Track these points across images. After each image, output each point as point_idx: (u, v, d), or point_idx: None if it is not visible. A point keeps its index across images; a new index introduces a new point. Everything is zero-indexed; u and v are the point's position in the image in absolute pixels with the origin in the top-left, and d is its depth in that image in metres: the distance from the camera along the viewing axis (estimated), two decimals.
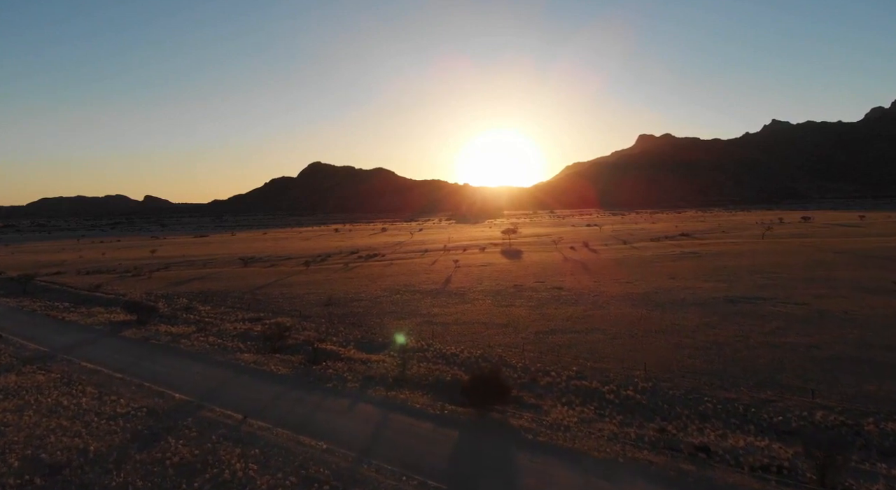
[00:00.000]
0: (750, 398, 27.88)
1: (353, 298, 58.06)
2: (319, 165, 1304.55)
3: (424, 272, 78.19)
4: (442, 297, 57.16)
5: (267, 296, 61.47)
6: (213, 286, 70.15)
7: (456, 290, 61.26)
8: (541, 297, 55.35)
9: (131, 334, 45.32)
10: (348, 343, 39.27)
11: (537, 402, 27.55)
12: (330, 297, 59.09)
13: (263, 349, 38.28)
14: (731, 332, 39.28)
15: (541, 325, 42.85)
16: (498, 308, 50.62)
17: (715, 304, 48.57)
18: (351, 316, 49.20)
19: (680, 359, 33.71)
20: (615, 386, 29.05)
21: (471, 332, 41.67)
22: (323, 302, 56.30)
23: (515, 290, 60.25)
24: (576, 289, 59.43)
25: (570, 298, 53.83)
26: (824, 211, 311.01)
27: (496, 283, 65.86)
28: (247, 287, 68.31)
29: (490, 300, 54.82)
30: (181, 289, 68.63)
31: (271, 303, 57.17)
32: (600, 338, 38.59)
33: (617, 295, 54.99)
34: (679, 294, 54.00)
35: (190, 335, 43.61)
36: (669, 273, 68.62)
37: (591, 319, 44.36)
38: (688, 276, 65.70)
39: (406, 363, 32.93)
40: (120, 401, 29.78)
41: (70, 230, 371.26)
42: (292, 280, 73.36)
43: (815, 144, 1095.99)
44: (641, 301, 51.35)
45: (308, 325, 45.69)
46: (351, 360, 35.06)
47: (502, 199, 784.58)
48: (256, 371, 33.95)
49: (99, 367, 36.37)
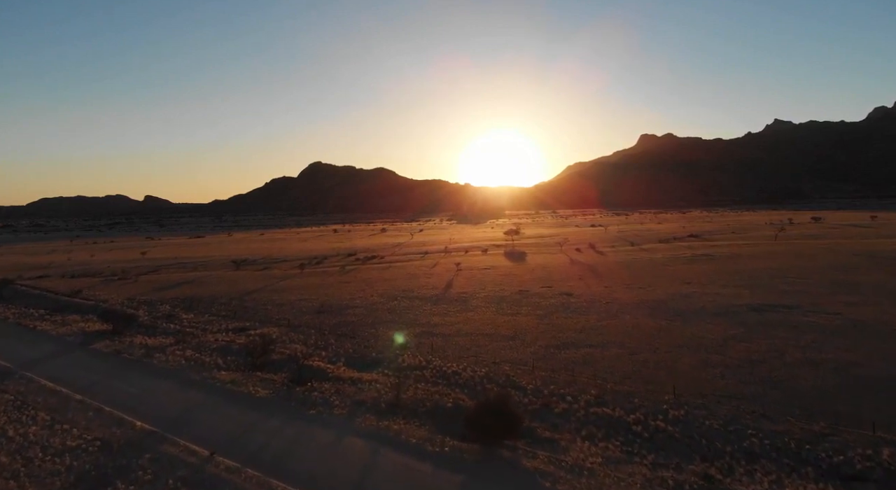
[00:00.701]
0: (801, 431, 24.04)
1: (347, 305, 54.24)
2: (320, 165, 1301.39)
3: (424, 276, 74.37)
4: (442, 304, 53.35)
5: (256, 302, 57.67)
6: (200, 291, 66.37)
7: (457, 296, 57.44)
8: (549, 304, 51.50)
9: (103, 346, 41.53)
10: (338, 358, 35.45)
11: (553, 436, 23.69)
12: (322, 304, 55.29)
13: (244, 366, 34.47)
14: (763, 346, 35.44)
15: (551, 338, 39.03)
16: (503, 317, 46.79)
17: (739, 313, 44.73)
18: (344, 325, 45.39)
19: (711, 379, 29.90)
20: (642, 414, 25.22)
21: (474, 346, 37.86)
22: (315, 309, 52.49)
23: (521, 296, 56.43)
24: (586, 295, 55.58)
25: (580, 306, 49.99)
26: (832, 211, 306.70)
27: (500, 288, 62.03)
28: (236, 292, 64.52)
29: (494, 308, 50.99)
30: (166, 294, 64.85)
31: (259, 310, 53.37)
32: (619, 353, 34.76)
33: (630, 302, 51.15)
34: (698, 301, 50.14)
35: (166, 348, 39.81)
36: (684, 277, 64.76)
37: (606, 331, 40.52)
38: (704, 280, 61.83)
39: (402, 385, 29.09)
40: (73, 430, 25.99)
41: (67, 230, 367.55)
42: (284, 285, 69.55)
43: (818, 144, 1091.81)
44: (658, 309, 47.50)
45: (296, 336, 41.88)
46: (340, 379, 31.22)
47: (503, 199, 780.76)
48: (233, 393, 30.13)
49: (60, 386, 32.58)
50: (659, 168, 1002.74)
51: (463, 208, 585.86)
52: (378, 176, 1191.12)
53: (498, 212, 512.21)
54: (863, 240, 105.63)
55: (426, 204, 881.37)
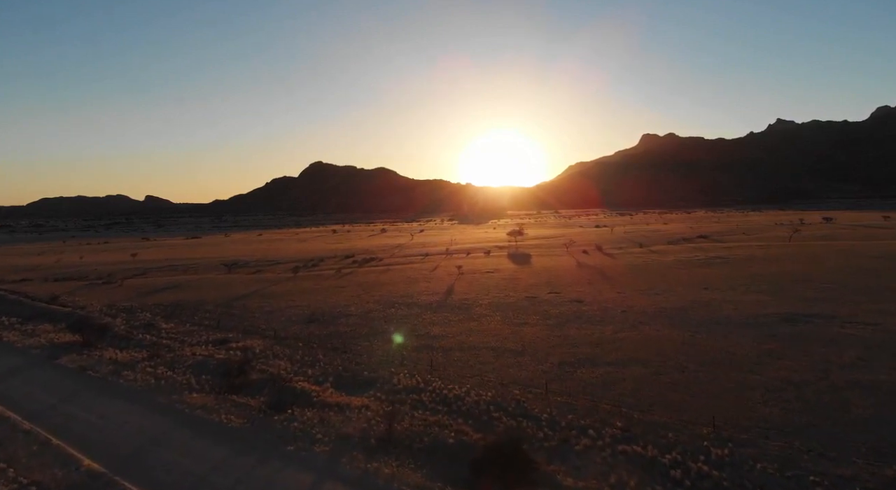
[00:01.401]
0: (871, 476, 20.07)
1: (340, 313, 50.35)
2: (321, 165, 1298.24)
3: (424, 280, 70.46)
4: (443, 312, 49.45)
5: (243, 309, 53.78)
6: (186, 296, 62.52)
7: (459, 303, 53.55)
8: (559, 312, 47.58)
9: (69, 361, 37.68)
10: (325, 378, 31.57)
11: (577, 484, 19.75)
12: (314, 311, 51.38)
13: (219, 387, 30.59)
14: (804, 364, 31.51)
15: (564, 353, 35.13)
16: (509, 327, 42.88)
17: (769, 324, 40.79)
18: (335, 337, 41.51)
19: (752, 406, 25.98)
20: (679, 454, 21.29)
21: (478, 362, 33.98)
22: (305, 318, 48.60)
23: (528, 302, 52.51)
24: (598, 302, 51.64)
25: (593, 315, 46.05)
26: (839, 211, 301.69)
27: (505, 293, 58.14)
28: (223, 298, 60.66)
29: (499, 316, 47.07)
30: (150, 300, 61.00)
31: (246, 319, 49.49)
32: (642, 373, 30.86)
33: (648, 310, 47.21)
34: (721, 309, 46.17)
35: (137, 364, 35.93)
36: (701, 282, 60.81)
37: (625, 345, 36.61)
38: (723, 286, 57.88)
39: (395, 413, 25.24)
40: (9, 471, 22.11)
41: (64, 231, 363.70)
42: (276, 290, 65.66)
43: (820, 144, 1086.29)
44: (679, 319, 43.57)
45: (281, 350, 38.00)
46: (326, 405, 27.31)
47: (505, 199, 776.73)
48: (202, 422, 26.26)
49: (9, 411, 28.70)
50: (661, 168, 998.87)
51: (464, 208, 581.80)
52: (379, 176, 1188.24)
53: (499, 212, 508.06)
54: (879, 241, 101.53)
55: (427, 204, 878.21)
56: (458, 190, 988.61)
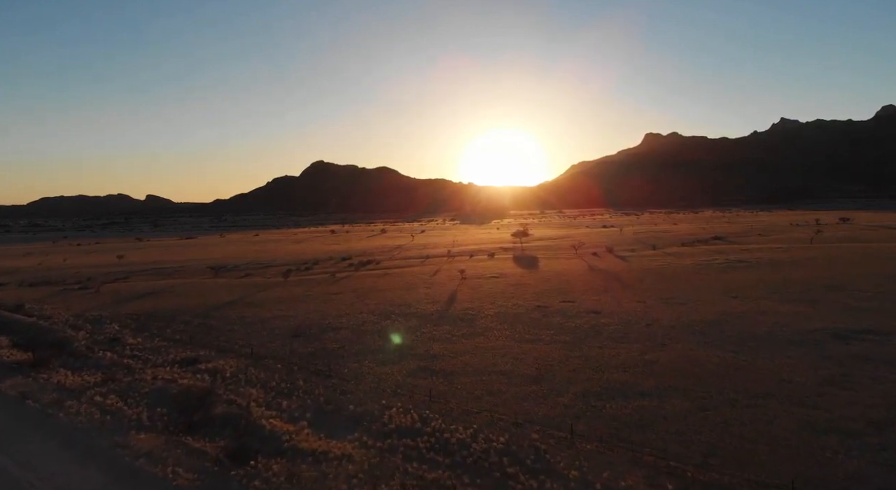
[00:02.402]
0: None
1: (330, 325, 45.15)
2: (322, 164, 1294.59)
3: (424, 286, 65.28)
4: (445, 324, 44.26)
5: (222, 320, 48.61)
6: (163, 305, 57.40)
7: (463, 313, 48.34)
8: (575, 325, 42.33)
9: (11, 386, 32.40)
10: (303, 413, 26.35)
11: None
12: (301, 323, 46.18)
13: (174, 424, 25.46)
14: (877, 397, 26.11)
15: (588, 380, 29.87)
16: (520, 345, 37.64)
17: (819, 343, 35.47)
18: (321, 356, 36.35)
19: (831, 457, 20.66)
20: None
21: (487, 392, 28.76)
22: (290, 331, 43.41)
23: (539, 313, 47.28)
24: (617, 313, 46.37)
25: (615, 329, 40.78)
26: (851, 211, 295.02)
27: (512, 302, 52.91)
28: (203, 306, 55.53)
29: (508, 330, 41.84)
30: (124, 309, 55.87)
31: (223, 332, 44.31)
32: (685, 408, 25.61)
33: (675, 323, 41.93)
34: (758, 323, 40.83)
35: (86, 391, 30.73)
36: (727, 289, 55.51)
37: (658, 369, 31.33)
38: (752, 293, 52.59)
39: (383, 468, 20.06)
40: None
41: (59, 230, 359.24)
42: (262, 297, 60.51)
43: (825, 143, 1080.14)
44: (713, 335, 38.27)
45: (256, 373, 32.84)
46: (298, 453, 22.06)
47: (507, 198, 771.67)
48: (143, 477, 21.01)
49: None
50: (664, 167, 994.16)
51: (466, 208, 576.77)
52: (381, 175, 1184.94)
53: (502, 212, 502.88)
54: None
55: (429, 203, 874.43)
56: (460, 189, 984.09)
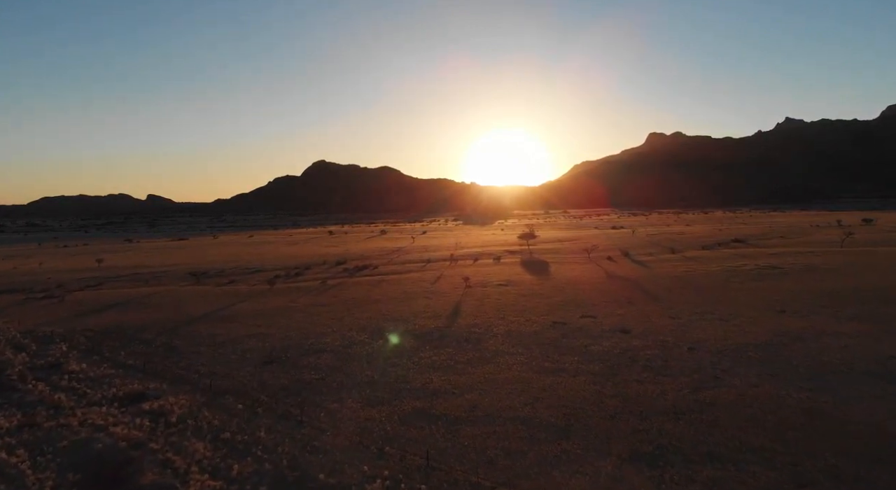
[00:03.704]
0: None
1: (311, 347, 38.37)
2: (324, 164, 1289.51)
3: (424, 295, 58.55)
4: (447, 347, 37.48)
5: (190, 340, 41.92)
6: (130, 318, 50.75)
7: (468, 331, 41.56)
8: (603, 349, 35.48)
9: None
10: (256, 487, 19.75)
11: None
12: (278, 343, 39.33)
13: None
14: None
15: (632, 433, 22.89)
16: (540, 377, 30.82)
17: None
18: (295, 390, 29.63)
19: None
20: None
21: (502, 452, 21.87)
22: (263, 355, 36.64)
23: (557, 332, 40.45)
24: (650, 332, 39.52)
25: (651, 355, 33.89)
26: (869, 212, 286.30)
27: (525, 316, 46.09)
28: (173, 321, 48.86)
29: (523, 355, 35.01)
30: (83, 323, 49.17)
31: (186, 355, 37.62)
32: (772, 482, 18.89)
33: (721, 346, 35.03)
34: (823, 347, 33.72)
35: None
36: (768, 301, 48.56)
37: (719, 415, 24.31)
38: (801, 307, 45.62)
39: None
40: None
41: (54, 231, 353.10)
42: (240, 309, 53.79)
43: (830, 143, 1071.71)
44: (774, 363, 31.24)
45: (211, 416, 26.09)
46: None
47: (509, 198, 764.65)
48: None
49: None
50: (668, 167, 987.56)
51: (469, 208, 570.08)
52: (383, 175, 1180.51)
53: (505, 212, 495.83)
54: None
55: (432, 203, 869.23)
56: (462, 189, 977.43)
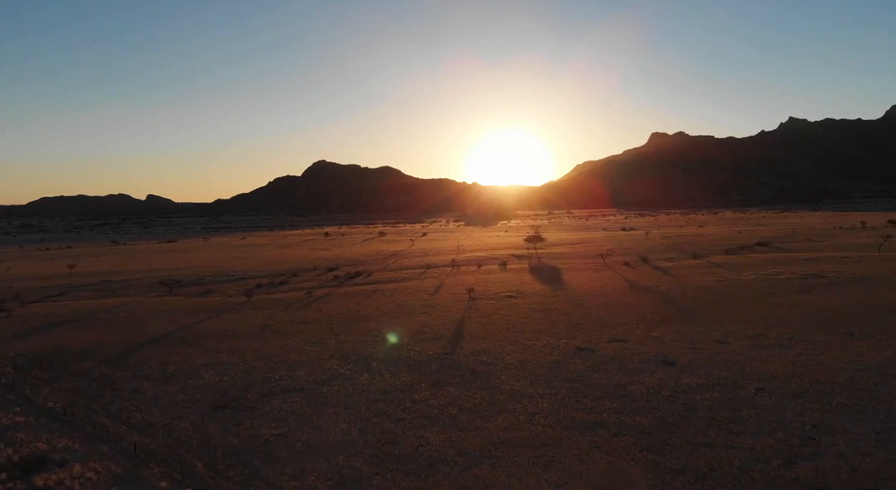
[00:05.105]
0: None
1: (278, 384, 30.76)
2: (324, 164, 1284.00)
3: (422, 309, 50.95)
4: (448, 384, 29.84)
5: (134, 371, 34.36)
6: (76, 339, 43.19)
7: (474, 361, 33.92)
8: (646, 390, 27.70)
9: None
10: None
11: None
12: (238, 378, 31.67)
13: None
14: None
15: None
16: (573, 436, 23.10)
17: None
18: (245, 454, 22.08)
19: None
20: None
21: None
22: (217, 395, 29.03)
23: (585, 362, 32.72)
24: (699, 362, 31.77)
25: (710, 398, 26.06)
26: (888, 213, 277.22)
27: (542, 339, 38.44)
28: (125, 344, 41.32)
29: (546, 399, 27.24)
30: (21, 344, 41.58)
31: (123, 394, 30.02)
32: None
33: (799, 386, 27.19)
34: None
35: None
36: (826, 319, 40.81)
37: None
38: (871, 328, 37.74)
39: None
40: None
41: (47, 232, 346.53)
42: (207, 328, 46.12)
43: (835, 142, 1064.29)
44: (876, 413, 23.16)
45: None
46: None
47: (511, 198, 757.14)
48: None
49: None
50: (671, 167, 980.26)
51: (471, 208, 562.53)
52: (383, 175, 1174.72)
53: (508, 212, 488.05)
54: None
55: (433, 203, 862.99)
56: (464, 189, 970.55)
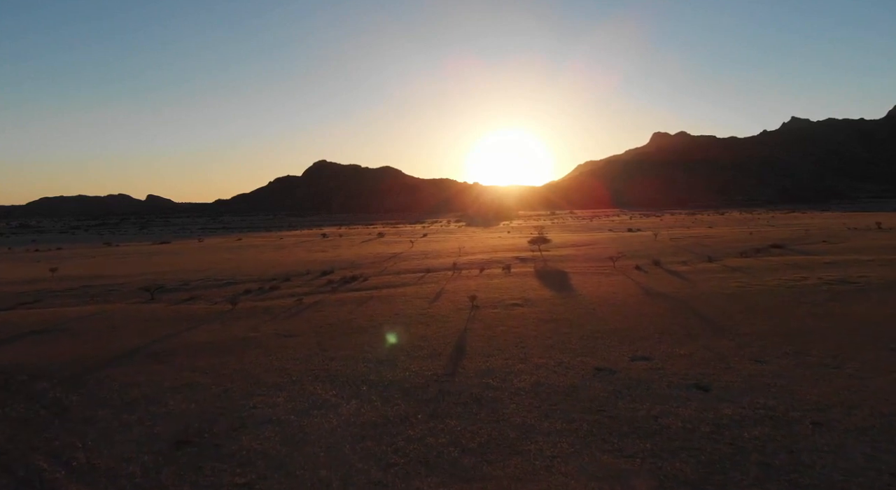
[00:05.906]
0: None
1: (252, 414, 26.44)
2: (325, 164, 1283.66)
3: (420, 320, 46.69)
4: (449, 416, 25.33)
5: (93, 393, 30.17)
6: (37, 353, 39.04)
7: (479, 384, 29.53)
8: (683, 425, 23.00)
9: None
10: None
11: None
12: (206, 408, 27.65)
13: None
14: None
15: None
16: (602, 488, 19.29)
17: None
18: None
19: None
20: None
21: None
22: (180, 428, 24.99)
23: (605, 387, 28.29)
24: (738, 387, 27.25)
25: (759, 435, 21.41)
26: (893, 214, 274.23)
27: (555, 357, 34.03)
28: (88, 360, 37.14)
29: (566, 437, 22.38)
30: None
31: (75, 423, 25.75)
32: None
33: (862, 420, 21.95)
34: None
35: None
36: (872, 332, 36.19)
37: None
38: None
39: None
40: None
41: (44, 232, 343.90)
42: (184, 341, 41.92)
43: (838, 142, 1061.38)
44: None
45: None
46: None
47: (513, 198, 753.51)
48: None
49: None
50: (673, 166, 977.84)
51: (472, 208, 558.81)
52: (384, 175, 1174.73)
53: (510, 212, 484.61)
54: None
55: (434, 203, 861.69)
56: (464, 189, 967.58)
